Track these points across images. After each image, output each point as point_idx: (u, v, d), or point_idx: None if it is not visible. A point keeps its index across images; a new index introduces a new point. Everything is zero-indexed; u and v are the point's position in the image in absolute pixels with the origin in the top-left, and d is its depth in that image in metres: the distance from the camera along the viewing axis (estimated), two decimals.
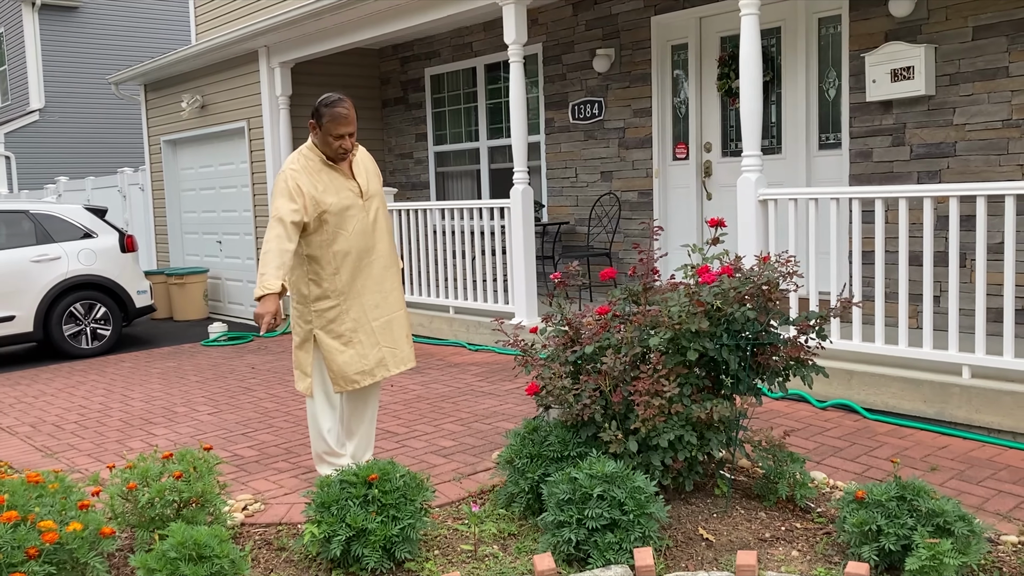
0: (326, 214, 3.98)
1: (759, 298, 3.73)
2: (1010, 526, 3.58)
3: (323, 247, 4.02)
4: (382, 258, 4.20)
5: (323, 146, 4.02)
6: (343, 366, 4.09)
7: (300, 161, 4.01)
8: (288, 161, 4.04)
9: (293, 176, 3.94)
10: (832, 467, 4.32)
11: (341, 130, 3.95)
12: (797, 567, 3.25)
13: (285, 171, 3.97)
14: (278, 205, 3.90)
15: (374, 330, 4.16)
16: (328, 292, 4.06)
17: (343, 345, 4.10)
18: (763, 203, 5.62)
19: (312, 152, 4.04)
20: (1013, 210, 4.57)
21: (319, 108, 3.97)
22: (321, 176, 4.01)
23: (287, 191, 3.91)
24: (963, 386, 4.75)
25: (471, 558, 3.42)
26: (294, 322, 4.18)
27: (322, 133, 3.98)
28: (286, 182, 3.93)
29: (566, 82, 8.82)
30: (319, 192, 3.97)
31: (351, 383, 4.12)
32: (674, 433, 3.58)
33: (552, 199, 9.07)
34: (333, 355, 4.09)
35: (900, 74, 6.17)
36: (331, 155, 4.02)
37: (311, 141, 4.07)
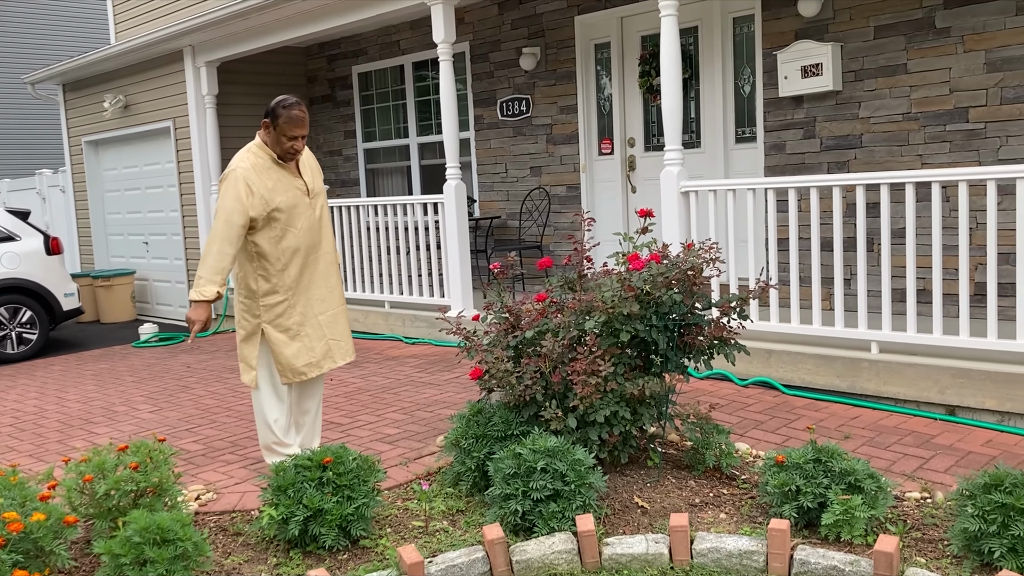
0: (276, 212, 4.10)
1: (685, 283, 4.01)
2: (914, 484, 3.93)
3: (272, 243, 4.14)
4: (327, 254, 4.37)
5: (275, 145, 4.14)
6: (291, 358, 4.24)
7: (250, 159, 4.11)
8: (237, 160, 4.13)
9: (243, 175, 4.04)
10: (754, 439, 4.64)
11: (295, 132, 4.08)
12: (725, 528, 3.54)
13: (235, 170, 4.06)
14: (226, 205, 4.00)
15: (320, 324, 4.32)
16: (277, 287, 4.19)
17: (290, 338, 4.23)
18: (685, 195, 5.92)
19: (261, 151, 4.16)
20: (913, 197, 4.95)
21: (276, 109, 4.09)
22: (271, 174, 4.13)
23: (236, 190, 4.01)
24: (872, 360, 5.12)
25: (423, 533, 3.62)
26: (240, 316, 4.29)
27: (276, 133, 4.10)
28: (236, 182, 4.02)
29: (494, 80, 9.03)
30: (268, 190, 4.09)
31: (299, 375, 4.27)
32: (610, 409, 3.83)
33: (483, 194, 9.28)
34: (281, 348, 4.22)
35: (810, 71, 6.55)
36: (281, 154, 4.15)
37: (260, 140, 4.18)
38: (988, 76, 5.85)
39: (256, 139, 4.21)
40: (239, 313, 4.31)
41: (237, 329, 4.32)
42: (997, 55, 5.80)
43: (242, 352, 4.30)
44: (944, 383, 4.84)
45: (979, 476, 3.19)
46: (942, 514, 3.55)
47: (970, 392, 4.74)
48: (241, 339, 4.29)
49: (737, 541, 3.29)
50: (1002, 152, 5.83)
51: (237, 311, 4.32)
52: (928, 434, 4.61)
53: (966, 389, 4.76)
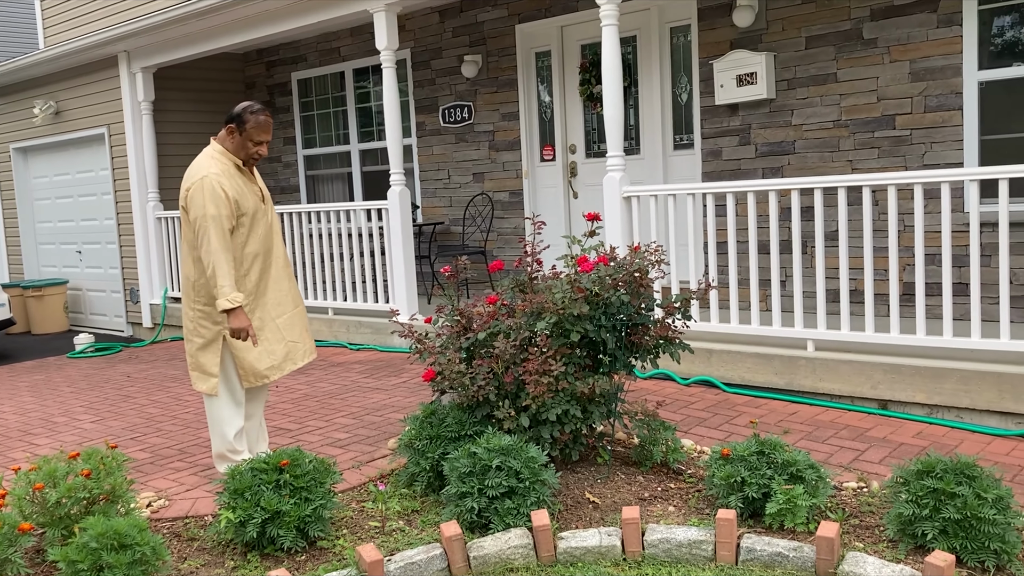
0: (243, 217, 4.17)
1: (632, 284, 4.14)
2: (850, 475, 4.11)
3: (238, 249, 4.18)
4: (280, 258, 4.42)
5: (239, 150, 4.21)
6: (253, 362, 4.28)
7: (216, 165, 4.15)
8: (204, 165, 4.13)
9: (217, 180, 4.07)
10: (698, 435, 4.79)
11: (262, 137, 4.19)
12: (674, 520, 3.66)
13: (207, 176, 4.07)
14: (212, 212, 4.02)
15: (279, 327, 4.37)
16: (243, 293, 4.22)
17: (265, 341, 4.30)
18: (627, 200, 6.07)
19: (224, 156, 4.21)
20: (845, 201, 5.17)
21: (243, 115, 4.16)
22: (235, 180, 4.19)
23: (216, 194, 4.04)
24: (808, 358, 5.32)
25: (380, 533, 3.66)
26: (196, 325, 4.28)
27: (242, 138, 4.18)
28: (213, 187, 4.04)
29: (436, 87, 9.09)
30: (238, 195, 4.15)
31: (261, 378, 4.31)
32: (561, 408, 3.93)
33: (426, 200, 9.33)
34: (244, 352, 4.25)
35: (745, 79, 6.77)
36: (245, 159, 4.23)
37: (220, 146, 4.23)
38: (913, 85, 6.13)
39: (214, 145, 4.24)
40: (195, 322, 4.28)
41: (191, 339, 4.30)
42: (921, 65, 6.08)
43: (198, 361, 4.29)
44: (877, 379, 5.05)
45: (912, 464, 3.36)
46: (878, 502, 3.73)
47: (901, 387, 4.96)
48: (198, 347, 4.28)
49: (686, 532, 3.41)
50: (927, 158, 6.11)
51: (192, 320, 4.29)
52: (862, 428, 4.81)
53: (897, 384, 4.98)
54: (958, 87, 5.96)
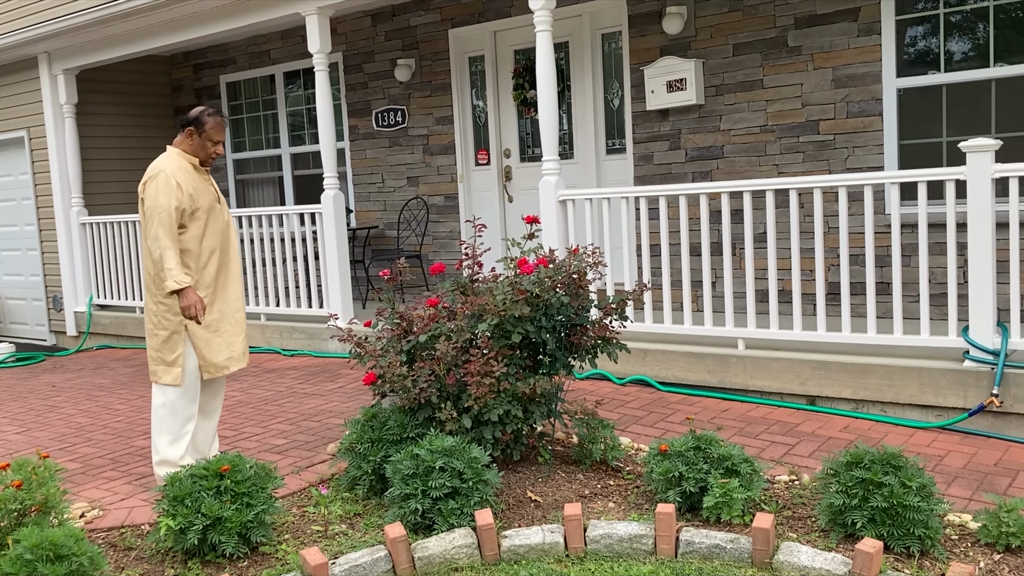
0: (199, 211, 4.38)
1: (571, 285, 4.21)
2: (782, 468, 4.24)
3: (195, 241, 4.38)
4: (236, 256, 4.65)
5: (198, 151, 4.45)
6: (214, 353, 4.43)
7: (173, 163, 4.37)
8: (163, 164, 4.35)
9: (172, 174, 4.30)
10: (635, 433, 4.88)
11: (219, 137, 4.46)
12: (615, 515, 3.73)
13: (163, 171, 4.29)
14: (162, 203, 4.23)
15: (237, 320, 4.54)
16: (199, 284, 4.39)
17: (211, 333, 4.42)
18: (563, 203, 6.15)
19: (182, 157, 4.44)
20: (773, 204, 5.33)
21: (201, 117, 4.42)
22: (192, 178, 4.41)
23: (169, 186, 4.26)
24: (739, 356, 5.47)
25: (323, 536, 3.65)
26: (160, 317, 4.37)
27: (201, 139, 4.42)
28: (167, 180, 4.27)
29: (368, 90, 9.06)
30: (194, 191, 4.37)
31: (221, 369, 4.44)
32: (503, 408, 3.97)
33: (360, 204, 9.28)
34: (203, 344, 4.39)
35: (674, 85, 6.92)
36: (204, 159, 4.48)
37: (177, 148, 4.45)
38: (835, 91, 6.35)
39: (171, 149, 4.46)
40: (157, 316, 4.37)
41: (156, 332, 4.37)
42: (843, 72, 6.31)
43: (160, 355, 4.36)
44: (805, 375, 5.22)
45: (842, 456, 3.50)
46: (809, 494, 3.86)
47: (828, 383, 5.14)
48: (162, 340, 4.36)
49: (627, 527, 3.48)
50: (850, 161, 6.34)
51: (155, 315, 4.37)
52: (792, 423, 4.97)
53: (824, 380, 5.15)
54: (878, 93, 6.20)
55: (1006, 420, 4.64)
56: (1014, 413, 4.60)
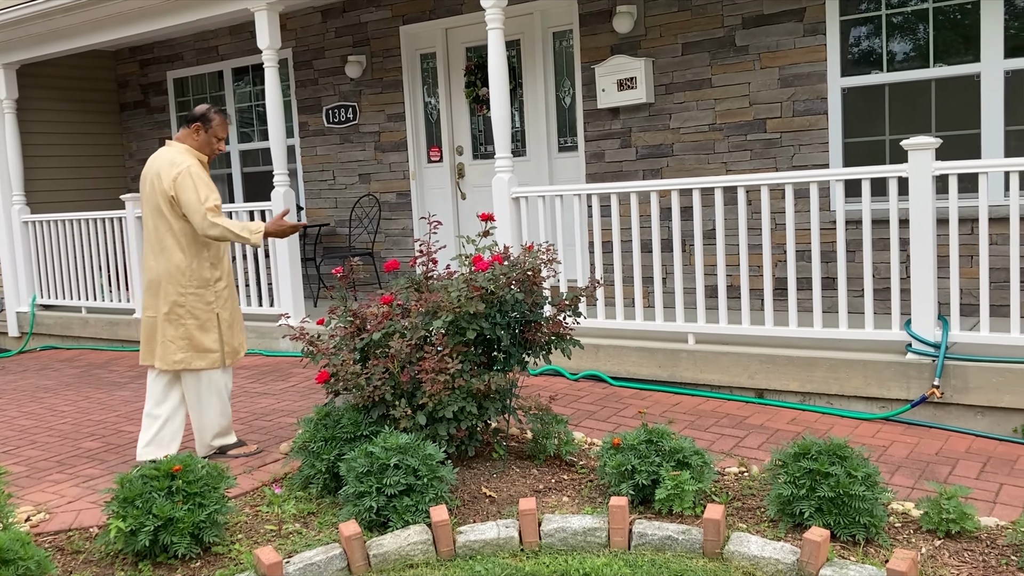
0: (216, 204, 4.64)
1: (526, 282, 4.23)
2: (732, 460, 4.32)
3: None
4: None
5: (205, 147, 4.66)
6: (234, 337, 4.73)
7: (188, 157, 4.56)
8: (178, 159, 4.52)
9: (197, 169, 4.52)
10: (588, 428, 4.93)
11: (224, 133, 4.69)
12: (568, 509, 3.77)
13: (190, 165, 4.48)
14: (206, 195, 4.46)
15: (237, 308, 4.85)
16: (222, 274, 4.70)
17: (233, 320, 4.74)
18: (516, 200, 6.17)
19: (190, 154, 4.61)
20: (722, 201, 5.42)
21: (207, 113, 4.64)
22: (205, 173, 4.63)
23: (204, 177, 4.52)
24: (689, 351, 5.55)
25: (276, 536, 3.63)
26: (193, 307, 4.59)
27: (208, 135, 4.64)
28: (199, 173, 4.50)
29: (319, 87, 9.00)
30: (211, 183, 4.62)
31: (237, 353, 4.76)
32: (458, 405, 3.98)
33: (311, 201, 9.21)
34: (228, 327, 4.69)
35: (625, 84, 6.99)
36: (210, 154, 4.70)
37: (184, 145, 4.63)
38: (782, 91, 6.47)
39: (177, 145, 4.62)
40: (186, 307, 4.57)
41: (183, 322, 4.56)
42: (789, 71, 6.43)
43: (198, 342, 4.57)
44: (753, 369, 5.32)
45: (790, 447, 3.57)
46: (758, 485, 3.94)
47: (776, 376, 5.24)
48: (195, 328, 4.58)
49: (581, 520, 3.52)
50: (796, 159, 6.46)
51: (182, 306, 4.56)
52: (741, 416, 5.06)
53: (772, 374, 5.25)
54: (823, 93, 6.33)
55: (946, 411, 4.78)
56: (954, 404, 4.74)
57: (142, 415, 5.25)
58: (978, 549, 3.32)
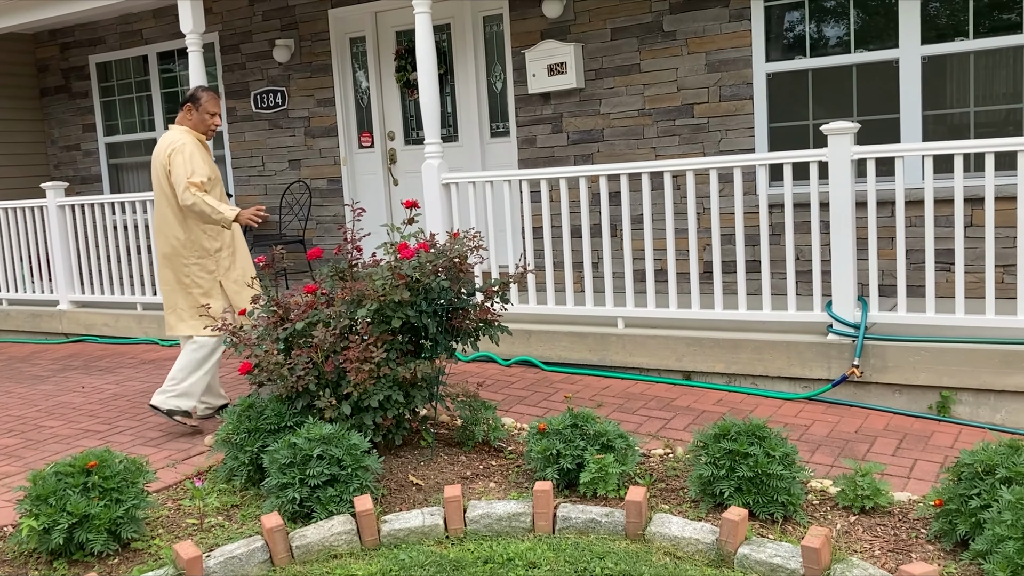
0: (212, 180, 4.89)
1: (452, 269, 4.22)
2: (658, 442, 4.38)
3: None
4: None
5: (199, 124, 4.94)
6: (243, 302, 4.92)
7: (186, 136, 4.85)
8: (176, 138, 4.82)
9: (191, 148, 4.79)
10: (519, 413, 4.95)
11: (215, 108, 4.96)
12: (495, 495, 3.78)
13: (186, 143, 4.78)
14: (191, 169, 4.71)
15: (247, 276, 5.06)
16: (223, 244, 4.94)
17: (240, 287, 4.97)
18: (446, 186, 6.15)
19: (188, 133, 4.90)
20: (648, 186, 5.46)
21: (196, 92, 4.94)
22: (202, 149, 4.91)
23: (199, 154, 4.81)
24: (619, 335, 5.60)
25: (198, 530, 3.57)
26: (195, 276, 4.89)
27: (199, 113, 4.92)
28: (193, 151, 4.78)
29: (246, 71, 8.83)
30: (207, 161, 4.90)
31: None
32: (383, 394, 3.96)
33: (240, 188, 9.05)
34: (235, 294, 4.96)
35: (555, 69, 6.99)
36: (204, 131, 4.97)
37: (182, 126, 4.92)
38: (709, 76, 6.54)
39: (178, 127, 4.93)
40: (194, 274, 4.90)
41: (192, 292, 4.90)
42: (716, 57, 6.50)
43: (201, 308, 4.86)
44: (681, 351, 5.39)
45: (710, 429, 3.63)
46: (682, 466, 4.00)
47: (703, 358, 5.32)
48: (201, 295, 4.91)
49: (506, 505, 3.54)
50: (723, 144, 6.54)
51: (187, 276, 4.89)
52: (669, 398, 5.13)
53: (699, 356, 5.33)
54: (749, 78, 6.42)
55: (866, 389, 4.91)
56: (873, 383, 4.87)
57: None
58: (890, 523, 3.42)
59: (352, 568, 3.26)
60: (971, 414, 4.67)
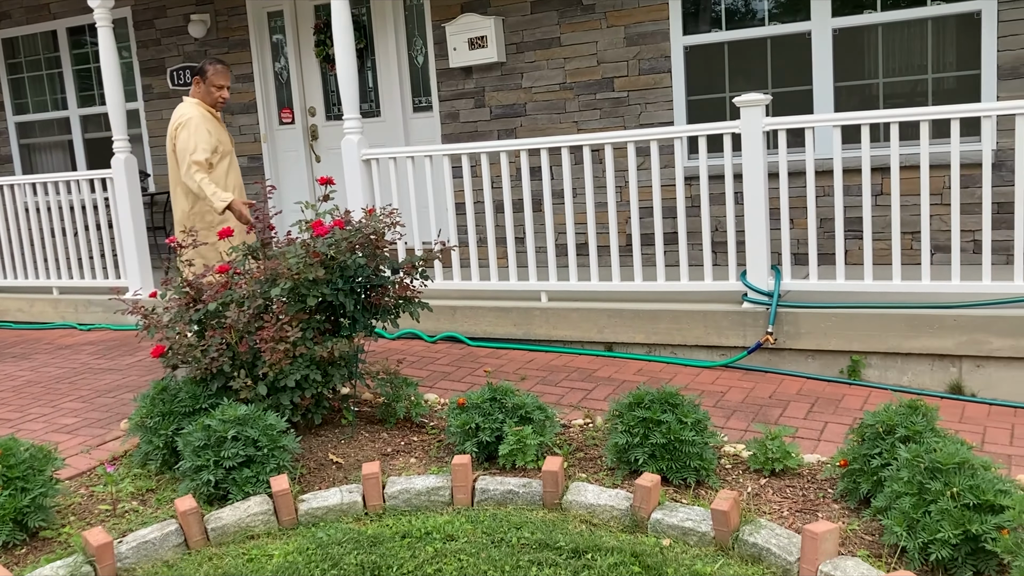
0: (224, 151, 5.04)
1: (368, 246, 4.19)
2: (578, 413, 4.44)
3: (222, 179, 5.05)
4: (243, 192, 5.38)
5: (207, 98, 5.09)
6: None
7: (194, 110, 5.00)
8: (188, 111, 4.99)
9: (199, 120, 4.93)
10: (443, 389, 4.96)
11: (221, 81, 5.08)
12: (415, 471, 3.79)
13: (192, 117, 4.94)
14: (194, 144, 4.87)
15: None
16: (228, 217, 4.93)
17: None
18: (366, 162, 6.08)
19: (199, 105, 5.07)
20: (569, 161, 5.49)
21: (204, 66, 5.11)
22: (211, 122, 5.05)
23: (201, 130, 4.91)
24: (542, 309, 5.64)
25: (111, 516, 3.52)
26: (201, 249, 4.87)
27: (206, 85, 5.08)
28: (198, 125, 4.92)
29: (161, 47, 8.59)
30: (216, 133, 5.03)
31: None
32: (300, 373, 3.93)
33: (159, 168, 8.83)
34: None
35: (476, 43, 6.96)
36: (212, 104, 5.10)
37: (193, 98, 5.10)
38: (628, 49, 6.58)
39: (189, 100, 5.10)
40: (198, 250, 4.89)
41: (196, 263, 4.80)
42: (634, 30, 6.54)
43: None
44: (602, 323, 5.45)
45: (626, 397, 3.69)
46: (601, 435, 4.06)
47: (624, 329, 5.39)
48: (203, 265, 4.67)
49: (425, 480, 3.55)
50: (643, 117, 6.60)
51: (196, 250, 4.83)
52: (591, 369, 5.19)
53: (620, 327, 5.40)
54: (667, 51, 6.47)
55: (780, 356, 5.04)
56: (787, 349, 5.00)
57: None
58: (799, 484, 3.53)
59: (269, 548, 3.24)
60: (880, 377, 4.83)
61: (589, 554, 3.01)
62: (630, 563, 2.94)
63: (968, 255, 5.60)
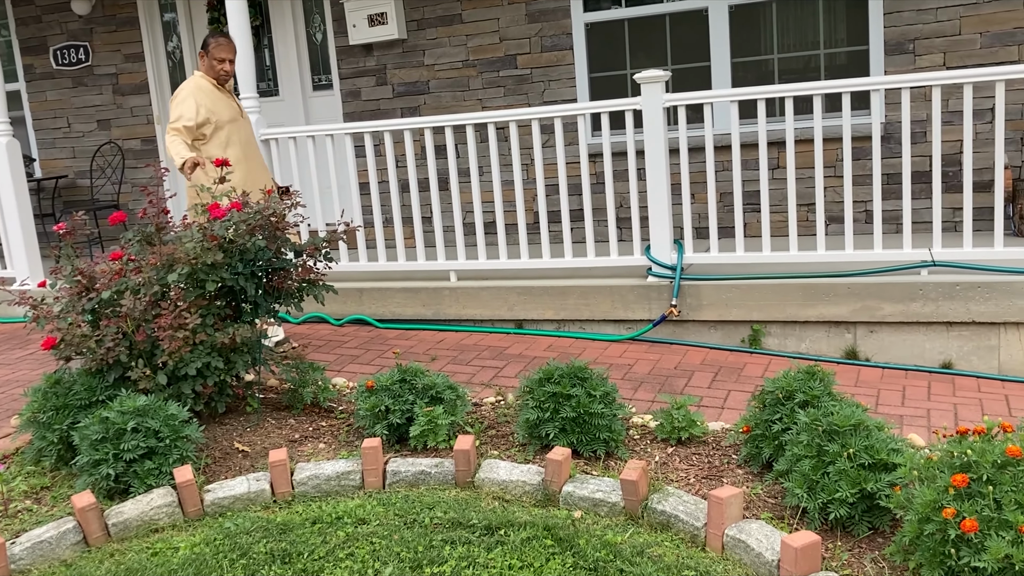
0: (221, 124, 5.02)
1: (268, 228, 4.08)
2: (490, 391, 4.44)
3: (220, 149, 5.03)
4: (263, 165, 5.31)
5: (210, 71, 5.09)
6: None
7: (193, 83, 5.05)
8: (184, 85, 5.03)
9: (192, 92, 4.97)
10: (351, 372, 4.89)
11: (223, 55, 5.06)
12: (324, 456, 3.74)
13: (183, 88, 4.99)
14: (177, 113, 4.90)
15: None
16: (235, 184, 4.83)
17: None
18: (265, 143, 5.93)
19: (203, 78, 5.11)
20: (474, 138, 5.46)
21: (206, 40, 5.10)
22: (211, 95, 5.06)
23: (189, 101, 4.94)
24: (452, 288, 5.62)
25: (3, 516, 3.36)
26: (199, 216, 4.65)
27: (208, 59, 5.07)
28: (187, 96, 4.94)
29: (43, 25, 8.17)
30: (212, 104, 5.03)
31: None
32: (202, 361, 3.81)
33: (44, 152, 8.42)
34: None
35: (376, 19, 6.84)
36: (215, 77, 5.09)
37: (199, 72, 5.13)
38: (530, 26, 6.57)
39: (196, 72, 5.15)
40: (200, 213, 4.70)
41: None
42: (535, 7, 6.53)
43: None
44: (512, 301, 5.47)
45: (536, 373, 3.71)
46: (513, 412, 4.07)
47: (533, 306, 5.42)
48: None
49: (334, 465, 3.50)
50: (546, 95, 6.61)
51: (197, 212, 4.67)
52: (502, 347, 5.20)
53: (530, 304, 5.42)
54: (568, 28, 6.49)
55: (684, 327, 5.14)
56: (690, 320, 5.11)
57: None
58: (705, 452, 3.61)
59: (174, 540, 3.15)
60: (779, 345, 4.99)
61: (502, 530, 3.02)
62: (543, 537, 2.96)
63: (860, 225, 5.81)
